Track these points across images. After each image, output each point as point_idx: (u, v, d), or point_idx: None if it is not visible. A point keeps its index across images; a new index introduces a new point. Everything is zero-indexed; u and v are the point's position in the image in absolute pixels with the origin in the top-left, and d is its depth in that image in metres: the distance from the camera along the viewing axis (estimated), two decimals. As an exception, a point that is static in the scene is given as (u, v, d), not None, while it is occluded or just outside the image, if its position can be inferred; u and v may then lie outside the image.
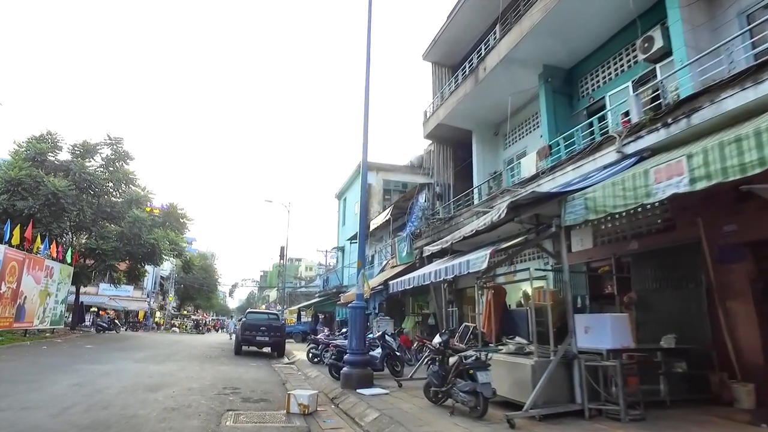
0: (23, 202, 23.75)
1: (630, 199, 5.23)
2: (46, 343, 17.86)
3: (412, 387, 9.03)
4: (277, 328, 17.68)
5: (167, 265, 54.14)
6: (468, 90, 14.41)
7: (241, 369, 12.78)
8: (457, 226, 13.04)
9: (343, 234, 33.19)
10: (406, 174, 29.61)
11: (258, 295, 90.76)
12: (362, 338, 9.25)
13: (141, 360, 13.58)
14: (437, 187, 16.94)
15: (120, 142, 29.23)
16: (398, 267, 17.54)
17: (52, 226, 24.16)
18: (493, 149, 16.28)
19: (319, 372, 11.85)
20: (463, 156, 17.55)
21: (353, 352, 9.01)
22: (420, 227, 16.28)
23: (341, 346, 10.47)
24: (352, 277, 27.45)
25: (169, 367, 12.09)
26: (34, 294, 19.57)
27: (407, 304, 19.87)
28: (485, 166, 16.00)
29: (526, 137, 14.89)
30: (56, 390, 7.88)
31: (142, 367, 11.74)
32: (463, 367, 6.22)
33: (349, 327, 9.28)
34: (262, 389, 9.22)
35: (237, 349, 17.71)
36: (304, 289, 53.74)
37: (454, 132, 16.96)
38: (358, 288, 9.44)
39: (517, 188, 10.75)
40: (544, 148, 10.49)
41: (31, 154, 25.66)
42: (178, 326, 47.13)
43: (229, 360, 15.44)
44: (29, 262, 18.92)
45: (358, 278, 9.45)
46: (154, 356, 15.13)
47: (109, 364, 12.19)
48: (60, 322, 23.18)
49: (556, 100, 12.56)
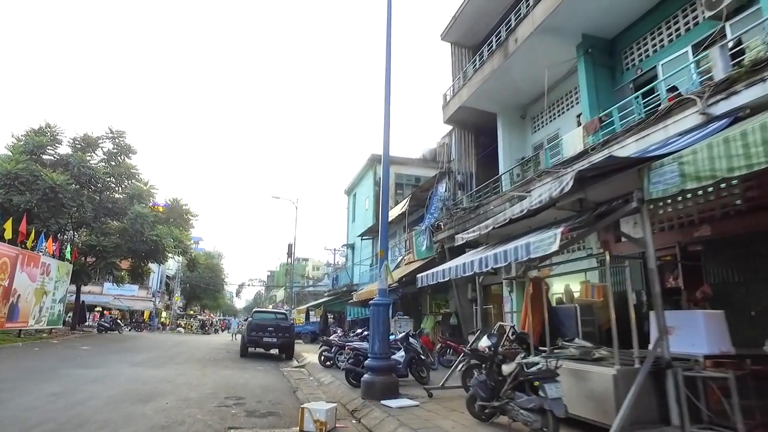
0: (20, 197, 22.72)
1: (762, 156, 3.90)
2: (40, 344, 16.75)
3: (445, 397, 7.74)
4: (285, 328, 16.45)
5: (173, 264, 53.26)
6: (495, 66, 13.09)
7: (247, 374, 11.55)
8: (486, 215, 11.74)
9: (353, 231, 31.96)
10: (419, 167, 28.40)
11: (265, 295, 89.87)
12: (386, 340, 7.98)
13: (138, 363, 12.38)
14: (458, 176, 15.62)
15: (122, 136, 28.20)
16: (416, 262, 16.26)
17: (50, 222, 23.13)
18: (521, 134, 14.95)
19: (333, 377, 10.59)
20: (485, 143, 16.22)
21: (376, 356, 7.73)
22: (441, 219, 14.98)
23: (360, 349, 9.21)
24: (363, 274, 26.20)
25: (167, 372, 10.88)
26: (29, 292, 18.47)
27: (424, 302, 18.58)
28: (512, 152, 14.67)
29: (559, 118, 13.54)
30: (28, 402, 6.67)
31: (136, 372, 10.53)
32: (524, 378, 4.92)
33: (371, 327, 8.01)
34: (270, 399, 7.97)
35: (243, 351, 16.50)
36: (311, 289, 52.62)
37: (477, 116, 15.64)
38: (381, 281, 8.16)
39: (559, 169, 9.43)
40: (593, 121, 9.15)
41: (29, 148, 24.63)
42: (184, 326, 46.06)
43: (234, 363, 14.22)
44: (23, 258, 17.82)
45: (380, 270, 8.18)
46: (153, 359, 13.94)
47: (101, 368, 11.00)
48: (58, 322, 22.09)
49: (597, 73, 11.20)
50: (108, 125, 35.23)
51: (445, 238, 14.37)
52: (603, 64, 11.34)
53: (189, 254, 31.69)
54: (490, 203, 12.02)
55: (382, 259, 8.26)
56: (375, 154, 27.82)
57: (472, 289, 14.69)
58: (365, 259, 26.72)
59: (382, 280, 8.15)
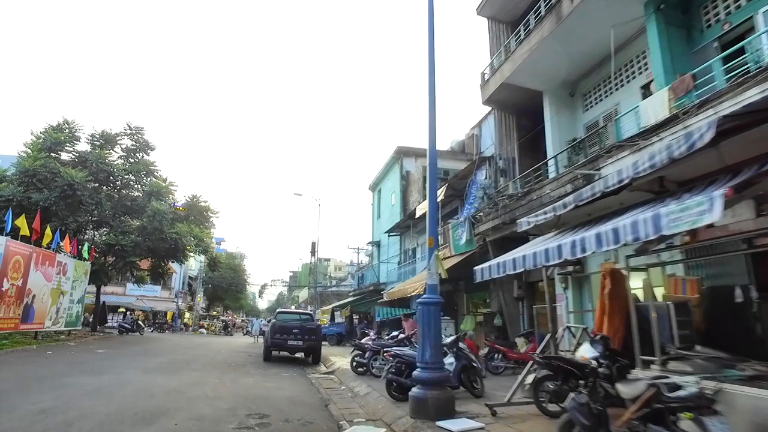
0: (38, 195, 22.08)
1: None
2: (55, 347, 15.85)
3: (514, 416, 6.29)
4: (311, 330, 15.18)
5: (195, 265, 52.85)
6: (545, 33, 11.56)
7: (271, 382, 10.27)
8: (540, 200, 10.24)
9: (378, 227, 30.65)
10: (447, 160, 26.89)
11: (287, 295, 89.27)
12: (439, 346, 6.58)
13: (151, 369, 11.24)
14: (500, 161, 14.12)
15: (140, 132, 27.44)
16: (453, 258, 14.80)
17: (68, 220, 22.41)
18: (570, 113, 13.37)
19: (369, 387, 9.23)
20: (528, 125, 14.70)
21: (427, 365, 6.33)
22: (482, 209, 13.50)
23: (403, 356, 7.81)
24: (391, 273, 24.84)
25: (181, 380, 9.68)
26: (45, 292, 17.64)
27: (460, 301, 17.10)
28: (561, 133, 13.11)
29: (617, 92, 11.94)
30: (9, 422, 5.48)
31: (147, 380, 9.35)
32: (665, 406, 3.45)
33: (420, 330, 6.61)
34: (299, 417, 6.65)
35: (266, 355, 15.29)
36: (335, 289, 51.52)
37: (520, 95, 14.12)
38: (430, 276, 6.76)
39: (637, 140, 7.88)
40: (684, 79, 7.58)
41: (47, 145, 24.01)
42: (206, 327, 45.43)
43: (257, 368, 13.00)
44: (37, 256, 16.98)
45: (430, 262, 6.77)
46: (170, 363, 12.82)
47: (109, 375, 9.86)
48: (77, 324, 21.31)
49: (670, 34, 9.60)
50: (126, 121, 34.47)
51: (488, 230, 12.89)
52: (677, 22, 9.74)
53: (210, 253, 30.76)
54: (543, 187, 10.51)
55: (432, 249, 6.86)
56: (401, 147, 26.47)
57: (518, 286, 13.19)
58: (392, 257, 25.36)
59: (432, 273, 6.75)
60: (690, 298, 7.20)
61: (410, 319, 14.65)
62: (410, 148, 26.72)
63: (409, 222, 22.06)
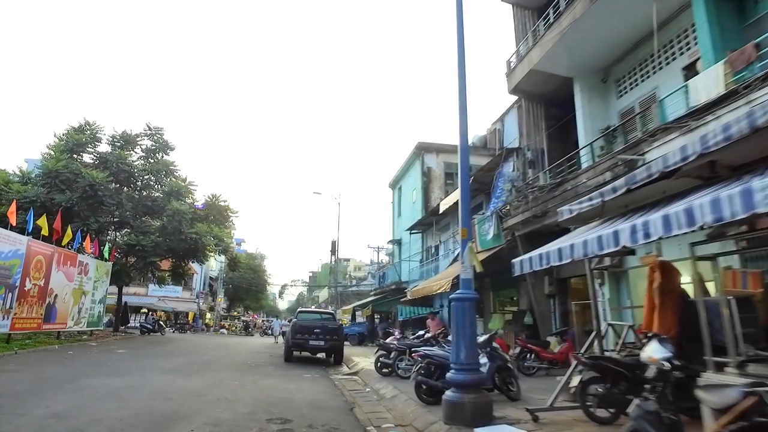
0: (61, 195, 22.20)
1: None
2: (77, 348, 15.76)
3: (558, 422, 5.72)
4: (333, 330, 14.75)
5: (216, 265, 53.15)
6: (578, 14, 10.90)
7: (292, 384, 9.85)
8: (575, 190, 9.60)
9: (399, 225, 30.13)
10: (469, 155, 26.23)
11: (307, 296, 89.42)
12: (474, 346, 6.03)
13: (169, 370, 10.94)
14: (528, 153, 13.47)
15: (160, 132, 27.48)
16: (481, 254, 14.18)
17: (89, 221, 22.49)
18: (603, 100, 12.66)
19: (395, 389, 8.74)
20: (557, 115, 14.02)
21: (462, 366, 5.80)
22: (510, 202, 12.88)
23: (435, 357, 7.30)
24: (413, 271, 24.30)
25: (200, 382, 9.32)
26: (67, 292, 17.62)
27: (486, 300, 16.47)
28: (593, 121, 12.41)
29: (655, 75, 11.19)
30: (16, 427, 5.14)
31: (165, 382, 9.02)
32: (767, 419, 2.86)
33: (454, 329, 6.09)
34: (323, 422, 6.18)
35: (287, 355, 14.91)
36: (355, 288, 51.22)
37: (548, 84, 13.46)
38: (464, 269, 6.23)
39: (687, 121, 7.20)
40: (745, 50, 6.88)
41: (69, 146, 24.17)
42: (227, 328, 45.53)
43: (277, 369, 12.62)
44: (59, 256, 16.95)
45: (463, 254, 6.23)
46: (189, 364, 12.52)
47: (128, 376, 9.57)
48: (99, 324, 21.33)
49: (719, 7, 8.86)
50: (146, 122, 34.53)
51: (517, 224, 12.27)
52: (726, -5, 8.99)
53: (230, 253, 30.69)
54: (578, 177, 9.86)
55: (465, 241, 6.33)
56: (422, 143, 25.88)
57: (550, 282, 12.54)
58: (414, 254, 24.82)
59: (466, 267, 6.21)
60: (753, 292, 6.52)
61: (436, 318, 14.11)
62: (431, 144, 26.11)
63: (431, 219, 21.49)
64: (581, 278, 12.53)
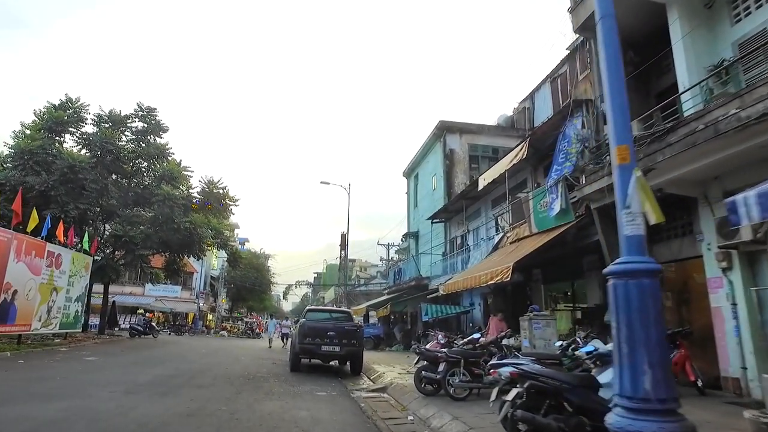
0: (36, 178, 19.42)
1: None
2: (36, 355, 12.94)
3: None
4: (351, 332, 11.84)
5: (217, 264, 50.35)
6: None
7: (303, 409, 6.92)
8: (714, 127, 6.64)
9: (415, 217, 27.22)
10: (495, 136, 23.39)
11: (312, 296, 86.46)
12: (668, 362, 3.11)
13: (139, 387, 8.02)
14: (602, 105, 10.53)
15: (153, 112, 24.57)
16: (535, 237, 11.26)
17: (68, 207, 19.68)
18: (708, 30, 9.71)
19: (458, 421, 5.81)
20: (634, 60, 11.08)
21: (646, 405, 2.87)
22: (582, 167, 9.93)
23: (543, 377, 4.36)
24: (435, 265, 21.35)
25: (172, 406, 6.42)
26: (31, 288, 14.75)
27: (536, 295, 13.50)
28: (696, 58, 9.46)
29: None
30: None
31: (119, 408, 6.12)
32: None
33: (622, 331, 3.14)
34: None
35: (293, 364, 12.00)
36: (363, 288, 48.29)
37: (626, 16, 10.38)
38: (630, 220, 3.30)
39: None
40: None
41: (47, 124, 21.38)
42: (229, 329, 42.70)
43: (282, 383, 9.70)
44: (19, 244, 14.09)
45: (629, 194, 3.31)
46: (169, 377, 9.62)
47: (69, 399, 6.68)
48: (76, 325, 18.44)
49: None
50: (137, 101, 30.93)
51: (593, 193, 9.33)
52: None
53: (230, 248, 27.81)
54: (712, 112, 6.88)
55: (626, 168, 3.41)
56: (445, 122, 22.96)
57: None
58: (436, 246, 21.87)
59: (634, 215, 3.29)
60: None
61: (497, 316, 11.20)
62: (454, 123, 23.21)
63: (460, 202, 18.55)
64: (680, 263, 9.61)
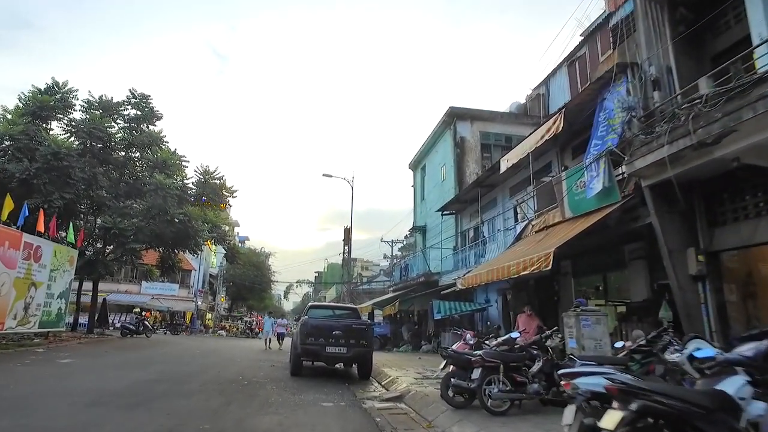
0: (16, 165, 18.05)
1: None
2: (6, 356, 11.58)
3: None
4: (360, 332, 10.48)
5: (216, 261, 48.98)
6: None
7: (306, 427, 5.56)
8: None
9: (422, 210, 25.82)
10: (507, 124, 21.99)
11: (313, 296, 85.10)
12: None
13: (107, 399, 6.64)
14: (650, 69, 9.10)
15: (147, 99, 23.17)
16: (572, 222, 9.85)
17: (52, 197, 18.30)
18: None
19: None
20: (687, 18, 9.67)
21: None
22: (629, 139, 8.52)
23: (668, 396, 2.97)
24: (446, 260, 19.96)
25: (145, 424, 5.05)
26: (5, 282, 13.37)
27: (565, 289, 12.09)
28: (767, 7, 8.06)
29: None
30: None
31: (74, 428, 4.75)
32: None
33: None
34: None
35: (294, 367, 10.61)
36: (366, 286, 46.97)
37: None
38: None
39: None
40: None
41: (31, 109, 19.98)
42: (227, 329, 41.34)
43: (281, 391, 8.31)
44: (-8, 234, 12.76)
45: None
46: (150, 383, 8.24)
47: (12, 415, 5.31)
48: (59, 324, 17.05)
49: None
50: (129, 88, 29.03)
51: (646, 168, 7.92)
52: None
53: (227, 243, 26.42)
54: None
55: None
56: (455, 108, 21.54)
57: (698, 256, 8.14)
58: (446, 240, 20.48)
59: None
60: None
61: (525, 311, 9.85)
62: (465, 110, 21.80)
63: (474, 192, 17.14)
64: (743, 250, 8.23)
